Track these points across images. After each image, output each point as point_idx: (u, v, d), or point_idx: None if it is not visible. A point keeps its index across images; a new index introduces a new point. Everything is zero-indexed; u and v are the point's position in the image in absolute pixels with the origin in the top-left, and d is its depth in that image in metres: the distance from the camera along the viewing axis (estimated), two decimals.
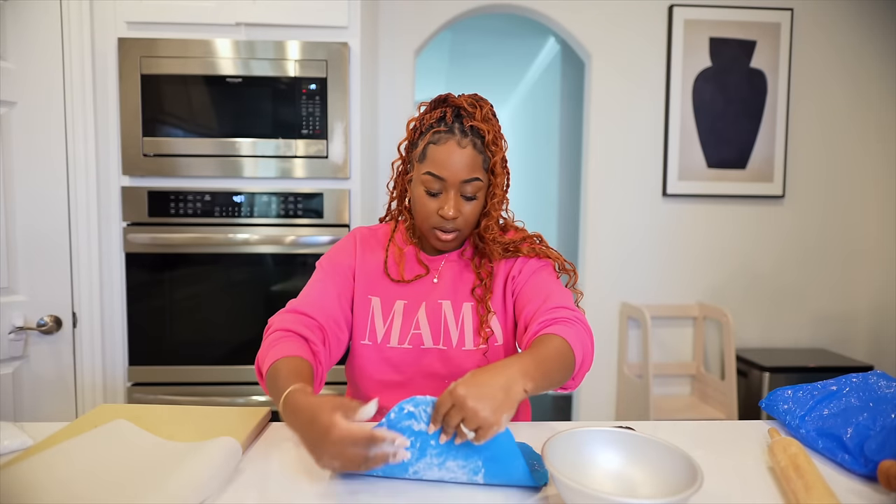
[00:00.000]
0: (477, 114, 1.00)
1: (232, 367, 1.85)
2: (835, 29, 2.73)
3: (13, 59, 1.53)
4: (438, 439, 0.76)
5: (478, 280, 1.07)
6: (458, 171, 0.98)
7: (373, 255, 1.11)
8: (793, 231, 2.79)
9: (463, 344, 1.05)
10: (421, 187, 1.02)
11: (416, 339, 1.05)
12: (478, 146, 0.99)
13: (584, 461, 0.77)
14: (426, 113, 1.04)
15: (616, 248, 2.76)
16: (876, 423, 0.86)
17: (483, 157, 1.00)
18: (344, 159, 1.83)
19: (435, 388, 1.04)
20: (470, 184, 0.99)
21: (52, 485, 0.73)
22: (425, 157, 1.01)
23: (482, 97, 1.04)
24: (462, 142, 0.98)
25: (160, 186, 1.81)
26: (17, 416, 1.55)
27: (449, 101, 1.02)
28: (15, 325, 1.53)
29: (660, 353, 2.79)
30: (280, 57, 1.79)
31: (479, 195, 1.02)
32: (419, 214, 1.04)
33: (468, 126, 0.99)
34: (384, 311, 1.07)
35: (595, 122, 2.74)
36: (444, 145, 0.99)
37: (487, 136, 0.99)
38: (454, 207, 0.99)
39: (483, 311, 1.05)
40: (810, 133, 2.76)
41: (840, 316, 2.83)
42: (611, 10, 2.68)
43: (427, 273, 1.09)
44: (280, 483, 0.80)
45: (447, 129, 0.99)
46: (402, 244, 1.12)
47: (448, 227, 1.02)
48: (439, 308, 1.07)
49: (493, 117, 1.03)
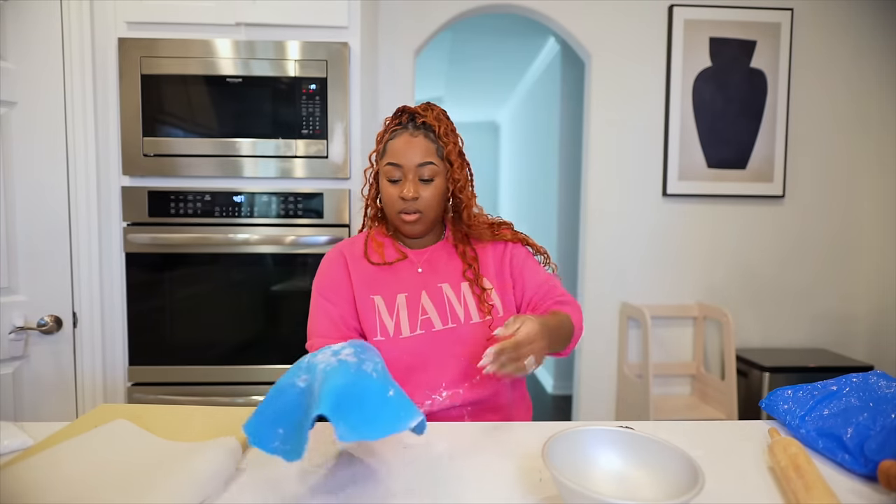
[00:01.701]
0: (429, 114, 1.15)
1: (232, 367, 1.85)
2: (835, 29, 2.73)
3: (13, 59, 1.53)
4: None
5: (465, 265, 1.18)
6: (412, 157, 1.11)
7: (360, 259, 1.19)
8: (793, 231, 2.79)
9: (470, 318, 1.14)
10: (384, 179, 1.14)
11: (427, 323, 1.13)
12: (430, 136, 1.13)
13: (584, 462, 0.77)
14: (388, 122, 1.18)
15: (616, 248, 2.76)
16: (876, 423, 0.86)
17: (436, 146, 1.13)
18: (344, 159, 1.83)
19: (451, 366, 1.12)
20: (426, 167, 1.12)
21: (52, 485, 0.73)
22: (385, 152, 1.14)
23: (435, 104, 1.19)
24: (414, 133, 1.13)
25: (160, 186, 1.81)
26: (17, 416, 1.55)
27: (406, 110, 1.17)
28: (15, 325, 1.53)
29: (660, 353, 2.79)
30: (280, 57, 1.80)
31: (436, 179, 1.13)
32: (386, 204, 1.15)
33: (420, 122, 1.14)
34: (388, 306, 1.14)
35: (595, 122, 2.74)
36: (399, 138, 1.13)
37: (438, 129, 1.13)
38: (412, 189, 1.11)
39: (478, 290, 1.16)
40: (810, 133, 2.76)
41: (840, 316, 2.83)
42: (611, 10, 2.68)
43: (405, 257, 1.19)
44: (280, 483, 0.80)
45: (402, 126, 1.14)
46: (380, 238, 1.23)
47: (410, 208, 1.12)
48: (440, 291, 1.16)
49: (445, 118, 1.17)
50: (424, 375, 1.11)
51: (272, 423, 0.78)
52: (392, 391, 0.77)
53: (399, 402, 0.77)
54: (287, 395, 0.80)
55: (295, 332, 1.90)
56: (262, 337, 1.88)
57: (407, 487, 0.79)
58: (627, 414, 2.68)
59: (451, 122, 1.18)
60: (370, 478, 0.81)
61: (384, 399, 0.76)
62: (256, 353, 1.86)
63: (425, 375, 1.11)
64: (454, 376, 1.12)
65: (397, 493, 0.77)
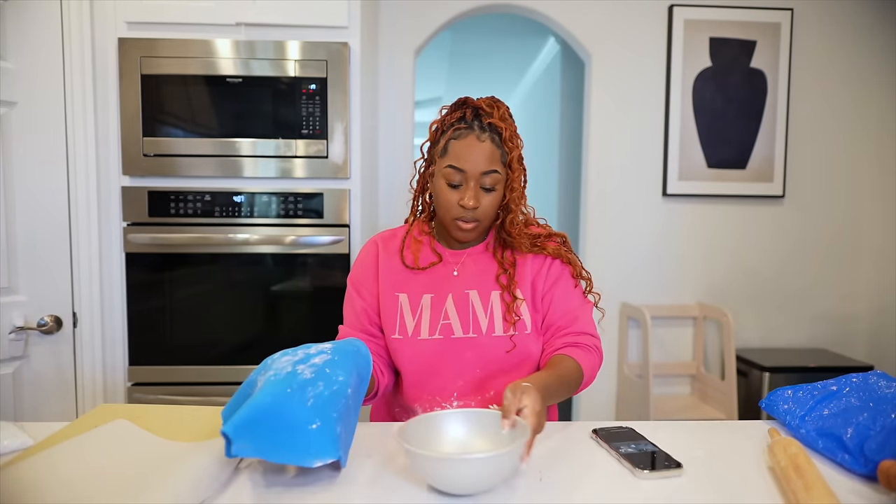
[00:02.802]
0: (494, 113, 1.07)
1: (232, 367, 1.85)
2: (835, 29, 2.73)
3: (13, 59, 1.53)
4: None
5: (501, 269, 1.13)
6: (477, 163, 1.04)
7: (394, 254, 1.16)
8: (793, 231, 2.79)
9: (493, 331, 1.09)
10: (442, 181, 1.07)
11: (446, 329, 1.09)
12: (496, 141, 1.06)
13: (434, 438, 0.85)
14: (447, 115, 1.10)
15: (616, 248, 2.76)
16: (876, 423, 0.85)
17: (501, 151, 1.06)
18: (344, 159, 1.83)
19: (466, 376, 1.09)
20: (489, 176, 1.05)
21: (52, 485, 0.73)
22: (447, 152, 1.06)
23: (499, 99, 1.10)
24: (481, 136, 1.05)
25: (160, 186, 1.81)
26: (17, 416, 1.55)
27: (468, 103, 1.09)
28: (15, 325, 1.53)
29: (660, 353, 2.79)
30: (280, 57, 1.79)
31: (497, 188, 1.07)
32: (441, 206, 1.09)
33: (486, 123, 1.06)
34: (412, 306, 1.11)
35: (595, 122, 2.74)
36: (465, 139, 1.05)
37: (505, 133, 1.06)
38: (474, 198, 1.05)
39: (509, 298, 1.10)
40: (810, 133, 2.76)
41: (840, 316, 2.83)
42: (611, 10, 2.67)
43: (440, 261, 1.14)
44: (280, 483, 0.80)
45: (467, 126, 1.06)
46: (419, 235, 1.18)
47: (468, 216, 1.07)
48: (466, 298, 1.11)
49: (510, 117, 1.10)
50: (437, 381, 1.09)
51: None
52: (316, 424, 0.74)
53: (319, 437, 0.74)
54: (243, 390, 0.84)
55: (295, 332, 1.90)
56: (262, 337, 1.88)
57: (406, 487, 0.79)
58: (627, 414, 2.68)
59: (514, 121, 1.11)
60: (370, 477, 0.81)
61: (303, 430, 0.74)
62: (256, 353, 1.85)
63: (438, 381, 1.09)
64: (467, 387, 1.09)
65: (398, 493, 0.77)
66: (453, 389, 1.09)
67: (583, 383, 1.06)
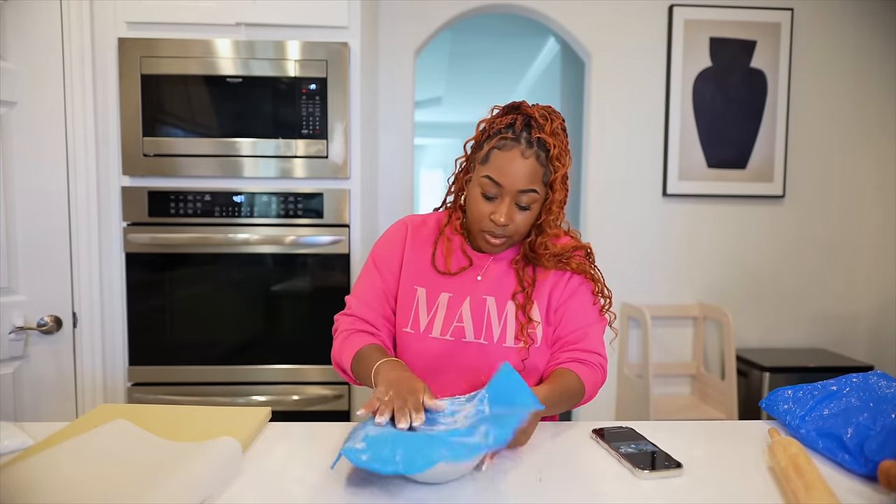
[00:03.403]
0: (547, 126, 1.00)
1: (232, 367, 1.85)
2: (835, 29, 2.73)
3: (13, 59, 1.53)
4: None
5: (519, 287, 1.09)
6: (516, 180, 0.99)
7: (422, 245, 1.14)
8: (793, 231, 2.79)
9: (504, 340, 1.07)
10: (478, 189, 1.03)
11: (458, 331, 1.07)
12: (541, 159, 1.00)
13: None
14: (497, 117, 1.05)
15: (616, 248, 2.76)
16: (876, 423, 0.86)
17: (545, 170, 1.01)
18: (344, 159, 1.83)
19: (470, 382, 1.06)
20: (526, 194, 1.01)
21: (53, 485, 0.73)
22: (488, 161, 1.02)
23: (555, 110, 1.04)
24: (526, 152, 0.99)
25: (160, 186, 1.81)
26: (17, 416, 1.55)
27: (522, 109, 1.03)
28: (15, 325, 1.53)
29: (660, 353, 2.78)
30: (280, 57, 1.79)
31: (533, 206, 1.03)
32: (472, 214, 1.06)
33: (535, 137, 0.99)
34: (429, 302, 1.09)
35: (595, 122, 2.74)
36: (509, 152, 0.99)
37: (553, 151, 1.00)
38: (506, 215, 1.01)
39: (524, 318, 1.07)
40: (810, 133, 2.76)
41: (840, 316, 2.83)
42: (611, 10, 2.67)
43: (470, 265, 1.11)
44: (280, 483, 0.80)
45: (514, 137, 1.00)
46: (451, 235, 1.14)
47: (498, 232, 1.03)
48: (483, 303, 1.08)
49: (563, 132, 1.04)
50: (442, 381, 1.07)
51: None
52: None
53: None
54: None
55: (295, 332, 1.90)
56: (262, 337, 1.88)
57: (406, 487, 0.79)
58: (627, 414, 2.68)
59: (567, 136, 1.05)
60: (370, 478, 0.81)
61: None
62: (256, 353, 1.86)
63: (443, 382, 1.07)
64: (470, 391, 1.05)
65: (397, 493, 0.77)
66: (455, 392, 1.06)
67: (583, 399, 1.04)
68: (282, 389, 1.85)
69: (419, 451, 0.71)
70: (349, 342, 1.05)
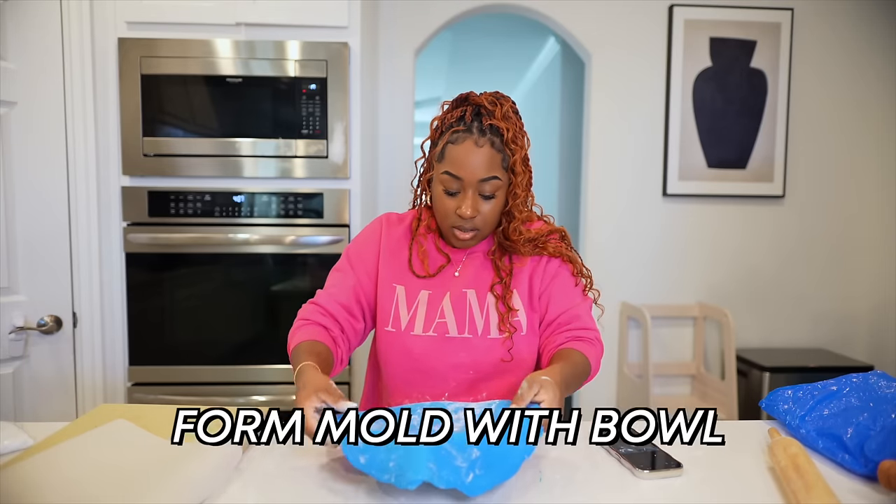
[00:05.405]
0: (496, 111, 1.00)
1: (232, 367, 1.85)
2: (835, 29, 2.73)
3: (13, 59, 1.53)
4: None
5: (497, 278, 1.08)
6: (475, 171, 0.99)
7: (398, 244, 1.12)
8: (793, 231, 2.79)
9: (488, 332, 1.06)
10: (440, 186, 1.02)
11: (441, 327, 1.06)
12: (496, 144, 0.99)
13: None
14: (448, 112, 1.04)
15: (616, 248, 2.76)
16: (876, 423, 0.86)
17: (502, 155, 1.00)
18: (344, 159, 1.83)
19: (458, 377, 1.05)
20: (488, 183, 1.00)
21: (53, 485, 0.73)
22: (444, 157, 1.01)
23: (503, 94, 1.04)
24: (480, 140, 0.98)
25: (160, 186, 1.81)
26: (17, 416, 1.55)
27: (469, 100, 1.02)
28: (15, 325, 1.53)
29: (660, 353, 2.79)
30: (280, 57, 1.79)
31: (498, 194, 1.02)
32: (438, 213, 1.05)
33: (487, 125, 0.99)
34: (409, 299, 1.08)
35: (595, 122, 2.74)
36: (462, 144, 0.99)
37: (506, 135, 0.99)
38: (472, 207, 1.00)
39: (504, 308, 1.06)
40: (810, 133, 2.76)
41: (840, 316, 2.83)
42: (611, 11, 2.68)
43: (448, 262, 1.10)
44: (280, 483, 0.80)
45: (465, 129, 0.99)
46: (424, 234, 1.13)
47: (466, 226, 1.03)
48: (464, 297, 1.07)
49: (514, 115, 1.03)
50: (428, 380, 1.05)
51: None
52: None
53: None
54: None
55: None
56: (262, 337, 1.88)
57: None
58: None
59: (520, 118, 1.04)
60: (369, 478, 0.81)
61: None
62: (256, 353, 1.86)
63: (429, 380, 1.05)
64: (459, 388, 1.05)
65: (398, 493, 0.77)
66: (444, 390, 1.05)
67: (591, 375, 1.04)
68: (282, 389, 1.85)
69: (409, 463, 0.74)
70: (298, 332, 1.04)
